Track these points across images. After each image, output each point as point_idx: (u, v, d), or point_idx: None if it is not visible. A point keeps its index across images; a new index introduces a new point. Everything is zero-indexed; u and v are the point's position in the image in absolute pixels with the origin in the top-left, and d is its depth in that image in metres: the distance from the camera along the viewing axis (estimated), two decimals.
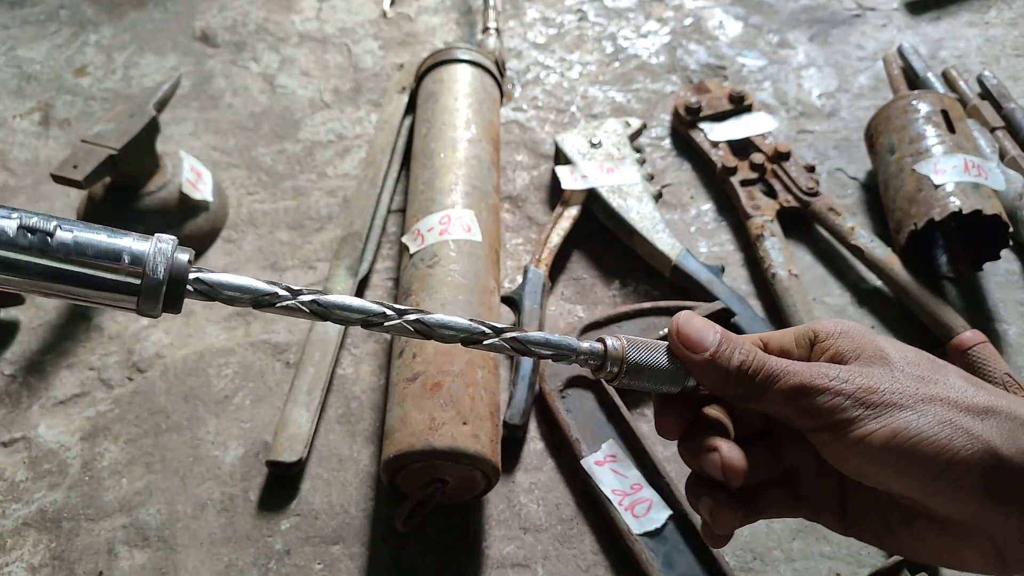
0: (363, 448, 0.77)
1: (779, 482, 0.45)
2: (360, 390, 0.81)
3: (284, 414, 0.77)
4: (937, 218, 0.80)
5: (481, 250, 0.78)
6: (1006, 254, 0.88)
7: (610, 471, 0.71)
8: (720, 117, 1.02)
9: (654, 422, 0.45)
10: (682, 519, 0.68)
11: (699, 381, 0.43)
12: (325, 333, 0.83)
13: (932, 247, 0.89)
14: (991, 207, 0.81)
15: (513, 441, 0.76)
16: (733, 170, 0.96)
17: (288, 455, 0.74)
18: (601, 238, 0.93)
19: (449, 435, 0.63)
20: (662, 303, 0.82)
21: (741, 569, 0.69)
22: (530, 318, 0.81)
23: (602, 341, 0.43)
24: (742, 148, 0.99)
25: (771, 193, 0.95)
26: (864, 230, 0.89)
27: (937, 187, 0.83)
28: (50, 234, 0.35)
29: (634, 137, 1.00)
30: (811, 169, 0.95)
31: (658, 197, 0.93)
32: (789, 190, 0.94)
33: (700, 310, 0.79)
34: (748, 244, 0.93)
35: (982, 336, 0.78)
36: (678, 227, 0.96)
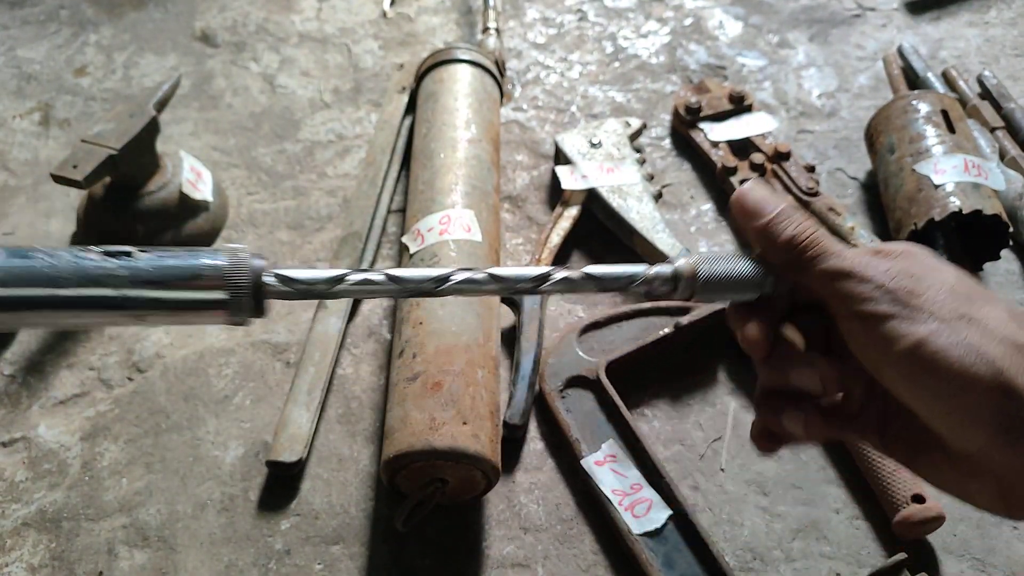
0: (363, 448, 0.77)
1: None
2: (360, 390, 0.81)
3: (284, 414, 0.77)
4: (937, 218, 0.80)
5: (481, 250, 0.78)
6: (1006, 254, 0.88)
7: (610, 471, 0.71)
8: (720, 117, 1.02)
9: (741, 339, 0.46)
10: (682, 519, 0.68)
11: (754, 246, 0.45)
12: (325, 333, 0.83)
13: (932, 247, 0.89)
14: (991, 207, 0.81)
15: (513, 441, 0.76)
16: (733, 170, 0.96)
17: (288, 455, 0.74)
18: (601, 238, 0.93)
19: (449, 435, 0.63)
20: (662, 303, 0.82)
21: (741, 569, 0.69)
22: (530, 318, 0.81)
23: (670, 262, 0.45)
24: (742, 148, 0.99)
25: None
26: (864, 230, 0.89)
27: (937, 187, 0.83)
28: (128, 254, 0.37)
29: (634, 137, 1.00)
30: (811, 169, 0.95)
31: (658, 197, 0.93)
32: (789, 190, 0.94)
33: (700, 310, 0.79)
34: (748, 244, 0.93)
35: None
36: (678, 227, 0.96)
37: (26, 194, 1.01)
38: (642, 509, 0.69)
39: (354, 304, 0.87)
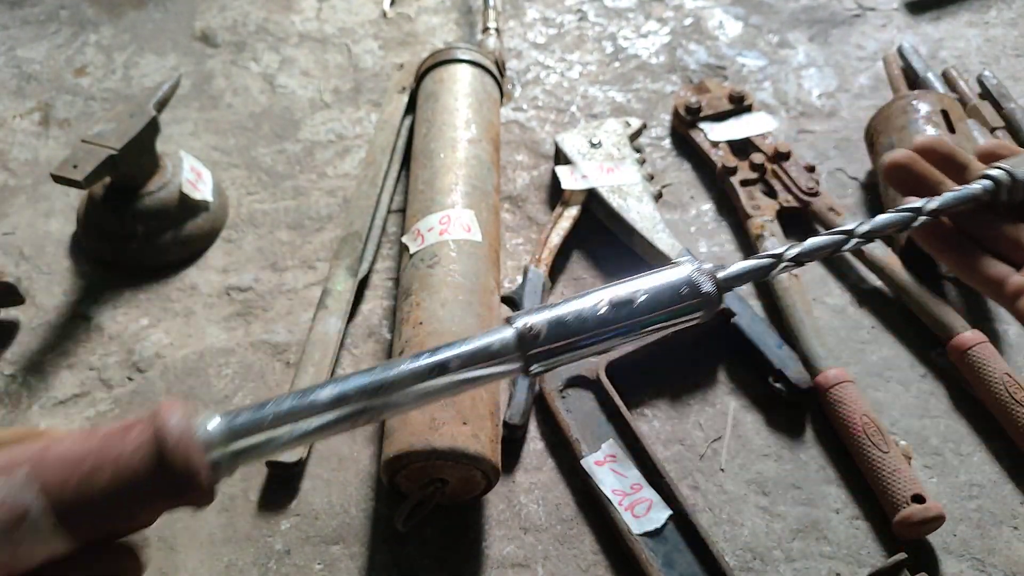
0: (363, 448, 0.77)
1: None
2: None
3: None
4: None
5: (481, 250, 0.78)
6: None
7: (610, 471, 0.71)
8: (720, 117, 1.02)
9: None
10: (682, 519, 0.68)
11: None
12: (325, 333, 0.83)
13: None
14: None
15: (513, 441, 0.76)
16: (733, 170, 0.96)
17: (288, 455, 0.74)
18: (601, 238, 0.93)
19: (449, 435, 0.63)
20: None
21: (741, 569, 0.69)
22: None
23: (986, 176, 0.49)
24: (742, 148, 0.99)
25: (771, 193, 0.95)
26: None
27: None
28: (632, 302, 0.43)
29: (634, 137, 1.00)
30: (811, 169, 0.95)
31: (658, 197, 0.93)
32: (789, 190, 0.94)
33: None
34: (748, 244, 0.93)
35: (982, 336, 0.78)
36: (678, 227, 0.96)
37: (26, 194, 1.01)
38: (642, 509, 0.69)
39: (354, 304, 0.87)
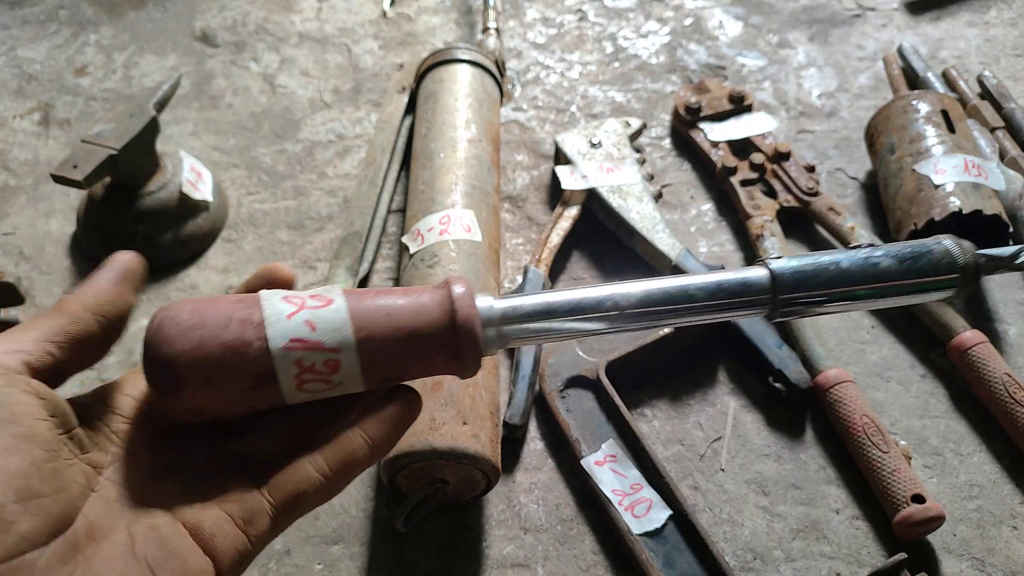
0: None
1: None
2: None
3: None
4: (937, 218, 0.80)
5: (481, 250, 0.78)
6: None
7: (610, 471, 0.71)
8: (720, 117, 1.02)
9: None
10: (682, 519, 0.68)
11: None
12: None
13: None
14: (991, 207, 0.81)
15: (513, 441, 0.76)
16: (733, 170, 0.96)
17: None
18: (601, 238, 0.93)
19: (449, 435, 0.63)
20: None
21: (741, 569, 0.69)
22: None
23: None
24: (742, 148, 0.99)
25: (771, 193, 0.95)
26: (864, 230, 0.89)
27: (937, 187, 0.83)
28: (888, 268, 0.44)
29: (634, 137, 1.00)
30: (811, 169, 0.95)
31: (658, 197, 0.93)
32: (789, 190, 0.94)
33: None
34: (748, 244, 0.93)
35: (982, 336, 0.78)
36: (678, 227, 0.96)
37: (26, 194, 1.01)
38: (642, 509, 0.69)
39: None
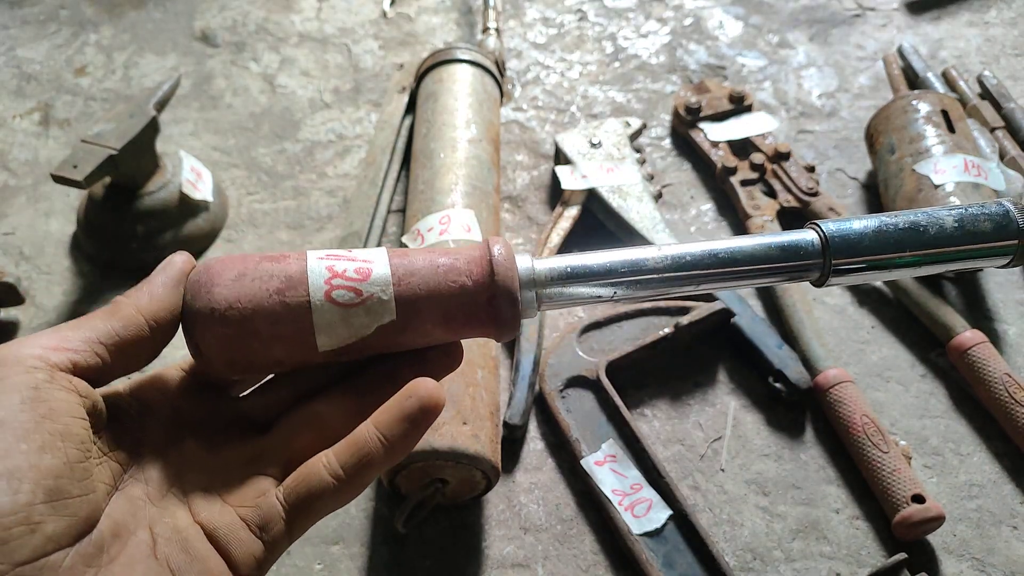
0: None
1: None
2: None
3: None
4: None
5: None
6: None
7: (610, 471, 0.71)
8: (720, 117, 1.02)
9: None
10: (682, 519, 0.68)
11: None
12: None
13: None
14: None
15: (513, 441, 0.76)
16: (733, 170, 0.96)
17: None
18: (601, 238, 0.93)
19: (449, 435, 0.63)
20: (662, 303, 0.82)
21: (741, 569, 0.69)
22: None
23: None
24: (742, 148, 0.99)
25: (771, 193, 0.95)
26: None
27: (937, 187, 0.83)
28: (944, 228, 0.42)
29: (634, 137, 1.00)
30: (811, 169, 0.95)
31: (658, 197, 0.93)
32: (789, 190, 0.94)
33: (700, 310, 0.79)
34: None
35: (982, 336, 0.78)
36: (678, 227, 0.96)
37: (26, 194, 1.01)
38: (642, 509, 0.69)
39: None
